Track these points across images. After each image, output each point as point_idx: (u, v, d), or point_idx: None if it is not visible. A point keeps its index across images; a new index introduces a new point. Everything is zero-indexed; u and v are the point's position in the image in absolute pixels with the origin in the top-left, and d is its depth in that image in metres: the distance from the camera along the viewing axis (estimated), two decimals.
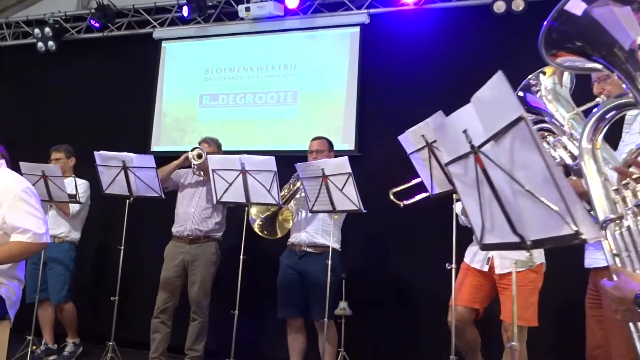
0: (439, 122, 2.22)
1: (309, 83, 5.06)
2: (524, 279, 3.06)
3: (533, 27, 4.19)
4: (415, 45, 4.79)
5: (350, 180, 3.10)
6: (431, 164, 2.36)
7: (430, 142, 2.33)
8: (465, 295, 3.23)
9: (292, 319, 3.86)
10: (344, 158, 3.12)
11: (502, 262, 3.14)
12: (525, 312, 3.01)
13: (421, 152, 2.44)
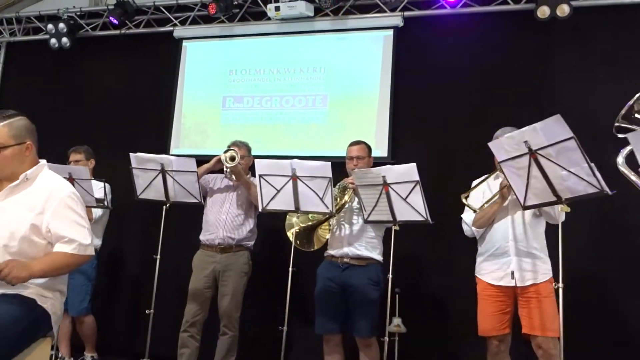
0: (550, 127, 2.06)
1: (340, 86, 4.87)
2: (546, 289, 3.02)
3: (577, 34, 4.08)
4: (451, 51, 4.64)
5: (417, 189, 2.90)
6: (530, 172, 2.17)
7: (535, 149, 2.13)
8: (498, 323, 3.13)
9: (331, 335, 3.62)
10: (412, 165, 2.92)
11: (522, 275, 3.07)
12: (553, 323, 2.94)
13: (517, 160, 2.24)
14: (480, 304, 3.23)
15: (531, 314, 3.04)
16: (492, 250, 3.19)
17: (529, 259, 3.09)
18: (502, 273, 3.13)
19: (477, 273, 3.30)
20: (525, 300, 3.09)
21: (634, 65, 4.17)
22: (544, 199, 2.21)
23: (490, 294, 3.18)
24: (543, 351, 3.00)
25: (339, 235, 3.67)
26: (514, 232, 3.12)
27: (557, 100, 4.31)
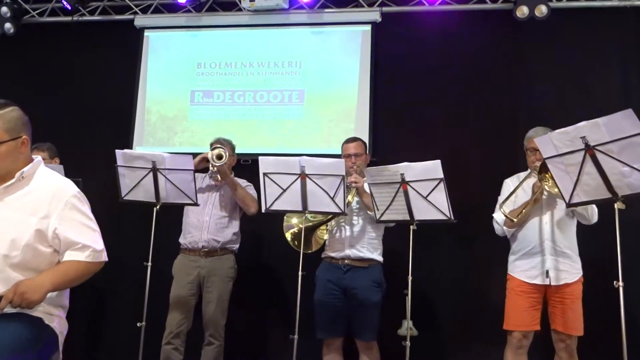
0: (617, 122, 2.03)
1: (317, 82, 4.72)
2: (576, 290, 3.12)
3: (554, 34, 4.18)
4: (430, 48, 4.62)
5: (441, 186, 2.80)
6: (583, 169, 2.13)
7: (593, 144, 2.09)
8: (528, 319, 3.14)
9: (332, 339, 3.48)
10: (437, 162, 2.82)
11: (557, 274, 3.11)
12: (580, 322, 3.11)
13: (568, 157, 2.19)
14: (512, 300, 3.21)
15: (563, 313, 3.10)
16: (527, 249, 3.19)
17: (564, 259, 3.13)
18: (537, 272, 3.14)
19: (511, 271, 3.28)
20: (559, 299, 3.12)
21: (605, 64, 4.35)
22: (595, 197, 2.19)
23: (524, 290, 3.17)
24: (566, 346, 3.09)
25: (339, 236, 3.52)
26: (549, 231, 3.14)
27: (535, 97, 4.41)
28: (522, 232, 3.21)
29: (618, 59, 4.35)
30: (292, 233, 3.58)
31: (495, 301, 3.31)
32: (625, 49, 4.35)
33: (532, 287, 3.16)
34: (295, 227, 3.59)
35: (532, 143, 3.19)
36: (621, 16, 4.36)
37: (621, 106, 4.09)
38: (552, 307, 3.15)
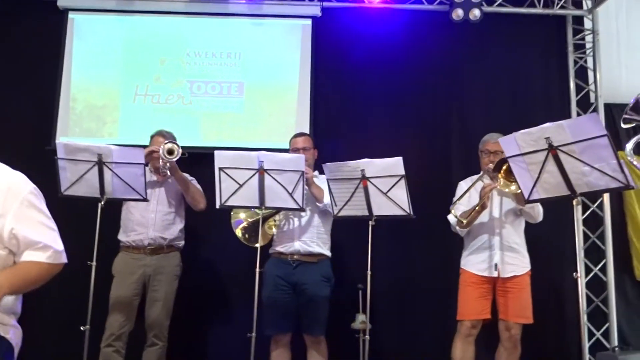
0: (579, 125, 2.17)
1: (257, 75, 4.64)
2: (522, 282, 3.34)
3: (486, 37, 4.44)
4: (369, 44, 4.71)
5: (401, 183, 2.86)
6: (544, 168, 2.27)
7: (556, 145, 2.24)
8: (479, 308, 3.33)
9: (281, 335, 3.47)
10: (398, 159, 2.88)
11: (505, 267, 3.31)
12: (527, 311, 3.32)
13: (530, 156, 2.33)
14: (464, 291, 3.39)
15: (509, 303, 3.30)
16: (478, 245, 3.39)
17: (512, 253, 3.34)
18: (487, 265, 3.33)
19: (463, 265, 3.46)
20: (506, 290, 3.32)
21: (531, 68, 4.67)
22: (554, 194, 2.35)
23: (474, 281, 3.36)
24: (510, 335, 3.30)
25: (287, 230, 3.50)
26: (499, 228, 3.35)
27: (466, 97, 4.64)
28: (474, 229, 3.40)
29: (542, 64, 4.69)
30: (242, 228, 3.52)
31: (446, 294, 3.44)
32: (549, 56, 4.70)
33: (482, 278, 3.35)
34: (245, 221, 3.53)
35: (488, 145, 3.39)
36: (545, 23, 4.70)
37: (543, 110, 4.53)
38: (499, 297, 3.35)
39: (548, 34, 4.73)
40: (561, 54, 4.72)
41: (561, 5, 4.70)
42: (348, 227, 3.66)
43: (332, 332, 3.44)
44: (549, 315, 4.36)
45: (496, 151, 3.32)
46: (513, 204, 3.33)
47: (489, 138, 3.41)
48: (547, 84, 4.69)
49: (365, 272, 3.10)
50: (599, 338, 4.35)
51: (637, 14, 4.86)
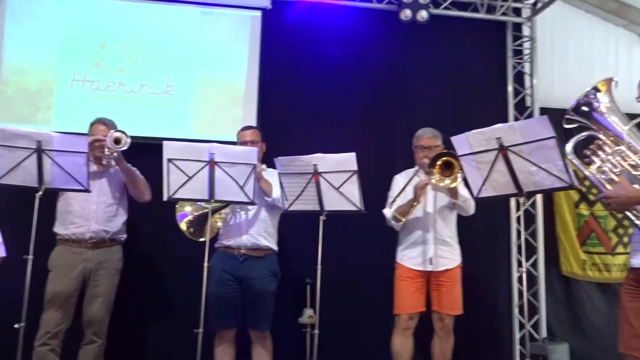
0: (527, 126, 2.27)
1: (204, 65, 4.53)
2: (454, 274, 3.48)
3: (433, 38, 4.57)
4: (319, 39, 4.73)
5: (354, 178, 2.88)
6: (494, 167, 2.36)
7: (507, 145, 2.33)
8: (415, 301, 3.43)
9: (226, 330, 3.42)
10: (351, 155, 2.89)
11: (438, 261, 3.42)
12: (458, 303, 3.48)
13: (481, 155, 2.41)
14: (400, 285, 3.47)
15: (442, 296, 3.42)
16: (413, 239, 3.47)
17: (445, 247, 3.45)
18: (421, 259, 3.42)
19: (399, 259, 3.53)
20: (439, 283, 3.43)
21: (474, 70, 4.84)
22: (502, 192, 2.45)
23: (410, 276, 3.44)
24: (444, 325, 3.43)
25: (234, 224, 3.47)
26: (433, 222, 3.44)
27: (412, 95, 4.75)
28: (409, 224, 3.48)
29: (483, 67, 4.88)
30: (187, 221, 3.44)
31: (391, 288, 3.51)
32: (490, 59, 4.89)
33: (417, 272, 3.44)
34: (190, 215, 3.45)
35: (422, 141, 3.50)
36: (487, 29, 4.88)
37: (483, 111, 4.71)
38: (433, 290, 3.46)
39: (490, 39, 4.93)
40: (501, 59, 4.93)
41: (502, 12, 4.90)
42: (294, 222, 3.66)
43: (279, 327, 3.44)
44: (483, 308, 4.56)
45: (430, 146, 3.44)
46: (446, 198, 3.43)
47: (423, 133, 3.51)
48: (488, 87, 4.89)
49: (313, 267, 3.11)
50: (529, 330, 4.59)
51: (571, 24, 5.14)
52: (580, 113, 2.34)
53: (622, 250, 4.83)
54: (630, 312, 2.36)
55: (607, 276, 4.78)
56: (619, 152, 2.27)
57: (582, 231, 4.86)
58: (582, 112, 2.33)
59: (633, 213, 2.30)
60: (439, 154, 3.23)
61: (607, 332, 4.55)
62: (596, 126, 2.34)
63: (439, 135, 3.54)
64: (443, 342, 3.47)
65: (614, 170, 2.30)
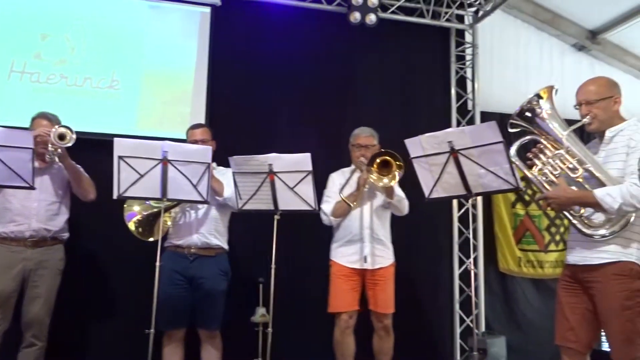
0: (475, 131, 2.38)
1: (152, 61, 4.44)
2: (388, 272, 3.53)
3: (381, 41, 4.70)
4: (268, 38, 4.73)
5: (308, 179, 2.90)
6: (445, 169, 2.46)
7: (457, 148, 2.42)
8: (350, 300, 3.45)
9: (176, 330, 3.38)
10: (306, 155, 2.90)
11: (374, 259, 3.47)
12: (391, 301, 3.52)
13: (433, 157, 2.50)
14: (334, 284, 3.49)
15: (377, 295, 3.44)
16: (348, 237, 3.50)
17: (380, 245, 3.50)
18: (356, 257, 3.45)
19: (333, 257, 3.56)
20: (373, 282, 3.47)
21: (418, 74, 4.99)
22: (452, 193, 2.56)
23: (345, 274, 3.47)
24: (383, 325, 3.48)
25: (184, 223, 3.42)
26: (369, 220, 3.48)
27: (359, 96, 4.84)
28: (345, 222, 3.52)
29: (428, 71, 5.04)
30: (136, 221, 3.37)
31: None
32: (434, 64, 5.06)
33: (352, 271, 3.47)
34: (138, 214, 3.38)
35: (359, 139, 3.54)
36: (432, 34, 5.05)
37: (427, 114, 4.87)
38: (369, 289, 3.48)
39: (435, 44, 5.10)
40: (445, 64, 5.11)
41: (447, 18, 5.08)
42: (245, 221, 3.66)
43: (232, 326, 3.43)
44: (426, 304, 4.73)
45: (367, 145, 3.49)
46: (382, 197, 3.49)
47: (360, 132, 3.54)
48: (432, 90, 5.06)
49: (266, 266, 3.12)
50: (469, 324, 4.80)
51: (509, 32, 5.40)
52: (524, 118, 2.49)
53: (554, 248, 5.13)
54: (566, 306, 2.53)
55: (541, 272, 5.06)
56: (558, 156, 2.43)
57: (518, 230, 5.11)
58: (525, 117, 2.48)
59: (570, 213, 2.46)
60: (378, 152, 3.26)
61: (540, 325, 4.83)
62: (538, 131, 2.49)
63: (375, 134, 3.59)
64: (384, 341, 3.52)
65: (553, 172, 2.45)
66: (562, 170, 2.41)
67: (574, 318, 2.50)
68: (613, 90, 2.52)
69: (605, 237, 2.36)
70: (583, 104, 2.49)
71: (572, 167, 2.39)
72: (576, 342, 2.50)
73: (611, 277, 2.35)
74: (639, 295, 2.33)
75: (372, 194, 3.53)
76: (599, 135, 2.53)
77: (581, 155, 2.43)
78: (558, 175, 2.43)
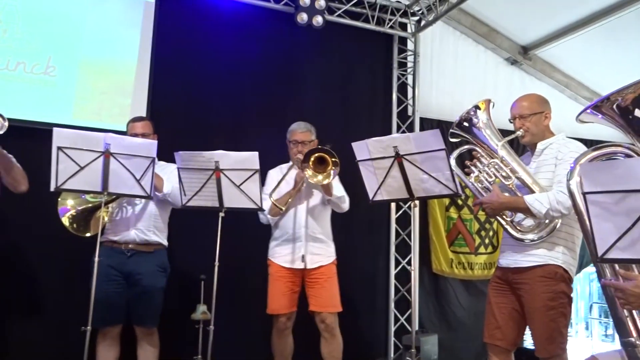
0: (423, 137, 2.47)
1: (92, 48, 4.28)
2: (329, 271, 3.51)
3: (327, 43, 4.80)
4: (215, 33, 4.68)
5: (255, 177, 2.90)
6: (389, 172, 2.54)
7: (402, 154, 2.50)
8: (288, 302, 3.41)
9: (111, 327, 3.29)
10: (254, 154, 2.89)
11: (312, 258, 3.43)
12: (335, 299, 3.49)
13: (378, 161, 2.57)
14: (272, 285, 3.45)
15: (317, 293, 3.41)
16: (285, 236, 3.46)
17: (318, 244, 3.47)
18: (294, 256, 3.42)
19: (271, 256, 3.52)
20: (312, 281, 3.45)
21: (363, 76, 5.10)
22: (395, 196, 2.64)
23: (282, 274, 3.43)
24: (326, 325, 3.43)
25: (121, 218, 3.33)
26: (305, 219, 3.44)
27: (302, 96, 4.88)
28: (282, 221, 3.48)
29: (371, 76, 5.16)
30: (70, 216, 3.25)
31: None
32: (377, 69, 5.19)
33: (289, 271, 3.42)
34: (72, 209, 3.27)
35: (295, 135, 3.50)
36: (377, 40, 5.17)
37: (368, 117, 5.00)
38: (309, 289, 3.45)
39: (379, 50, 5.23)
40: (388, 69, 5.24)
41: (391, 25, 5.21)
42: (188, 217, 3.61)
43: (171, 323, 3.38)
44: (362, 303, 4.84)
45: (304, 141, 3.44)
46: (319, 195, 3.48)
47: (297, 127, 3.50)
48: (374, 95, 5.19)
49: (209, 263, 3.10)
50: (403, 323, 4.96)
51: (448, 43, 5.61)
52: (462, 128, 2.63)
53: (484, 250, 5.39)
54: (495, 306, 2.69)
55: (471, 274, 5.30)
56: (493, 164, 2.58)
57: (451, 232, 5.33)
58: (463, 127, 2.61)
59: (503, 217, 2.62)
60: (313, 149, 3.22)
61: (468, 323, 5.06)
62: (475, 140, 2.64)
63: (313, 129, 3.55)
64: (330, 344, 3.45)
65: (489, 179, 2.60)
66: (497, 178, 2.57)
67: (502, 317, 2.66)
68: (544, 106, 2.71)
69: (534, 241, 2.53)
70: (517, 117, 2.67)
71: (505, 175, 2.55)
72: (503, 340, 2.66)
73: (538, 279, 2.52)
74: (562, 297, 2.51)
75: (309, 192, 3.50)
76: (531, 147, 2.71)
77: (514, 164, 2.59)
78: (493, 183, 2.58)
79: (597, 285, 7.13)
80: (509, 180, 2.56)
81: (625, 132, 1.72)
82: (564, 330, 2.51)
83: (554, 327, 2.48)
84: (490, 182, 2.58)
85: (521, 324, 2.67)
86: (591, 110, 1.69)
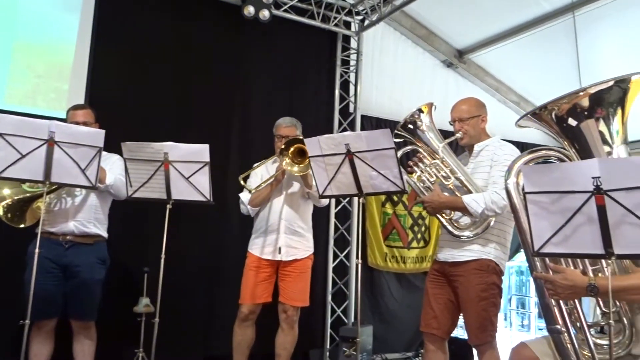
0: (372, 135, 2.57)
1: (26, 29, 4.11)
2: (303, 265, 3.57)
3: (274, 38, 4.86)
4: (159, 23, 4.60)
5: (205, 169, 2.88)
6: (340, 169, 2.61)
7: (353, 151, 2.58)
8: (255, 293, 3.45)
9: (47, 321, 3.19)
10: (205, 146, 2.88)
11: (287, 251, 3.49)
12: (304, 294, 3.57)
13: (330, 157, 2.64)
14: (247, 275, 3.47)
15: (288, 286, 3.47)
16: (264, 228, 3.50)
17: (296, 237, 3.51)
18: (271, 248, 3.47)
19: (249, 248, 3.55)
20: (286, 274, 3.50)
21: (308, 71, 5.17)
22: (345, 192, 2.72)
23: (258, 265, 3.47)
24: (287, 316, 3.48)
25: (60, 209, 3.23)
26: (285, 211, 3.49)
27: (247, 91, 4.89)
28: (262, 213, 3.54)
29: (315, 72, 5.24)
30: (5, 205, 3.12)
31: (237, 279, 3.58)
32: (321, 65, 5.27)
33: (265, 262, 3.48)
34: (9, 198, 3.14)
35: (280, 130, 3.56)
36: (322, 36, 5.26)
37: (312, 112, 5.08)
38: (281, 281, 3.51)
39: (323, 46, 5.31)
40: (331, 66, 5.34)
41: (335, 23, 5.31)
42: (131, 208, 3.56)
43: (111, 316, 3.32)
44: None
45: (288, 135, 3.50)
46: (299, 187, 3.53)
47: (282, 122, 3.59)
48: (318, 90, 5.27)
49: (154, 255, 3.08)
50: (340, 315, 5.10)
51: (389, 43, 5.78)
52: (407, 129, 2.77)
53: (416, 245, 5.62)
54: (432, 297, 2.86)
55: (403, 267, 5.52)
56: (434, 165, 2.74)
57: (386, 227, 5.52)
58: (408, 128, 2.76)
59: (442, 216, 2.79)
60: (296, 139, 3.30)
61: (400, 315, 5.28)
62: (418, 142, 2.78)
63: (298, 124, 3.61)
64: (286, 335, 3.50)
65: (430, 179, 2.76)
66: (437, 178, 2.72)
67: (438, 307, 2.83)
68: (481, 110, 2.90)
69: (469, 238, 2.71)
70: (457, 120, 2.84)
71: (445, 176, 2.71)
72: (438, 329, 2.83)
73: (472, 271, 2.71)
74: (493, 288, 2.71)
75: (289, 184, 3.54)
76: (469, 148, 2.89)
77: (454, 165, 2.76)
78: (434, 182, 2.73)
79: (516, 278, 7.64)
80: (449, 181, 2.72)
81: (559, 137, 1.90)
82: (495, 319, 2.71)
83: (485, 316, 2.67)
84: (432, 181, 2.73)
85: (455, 314, 2.86)
86: (530, 116, 1.85)
